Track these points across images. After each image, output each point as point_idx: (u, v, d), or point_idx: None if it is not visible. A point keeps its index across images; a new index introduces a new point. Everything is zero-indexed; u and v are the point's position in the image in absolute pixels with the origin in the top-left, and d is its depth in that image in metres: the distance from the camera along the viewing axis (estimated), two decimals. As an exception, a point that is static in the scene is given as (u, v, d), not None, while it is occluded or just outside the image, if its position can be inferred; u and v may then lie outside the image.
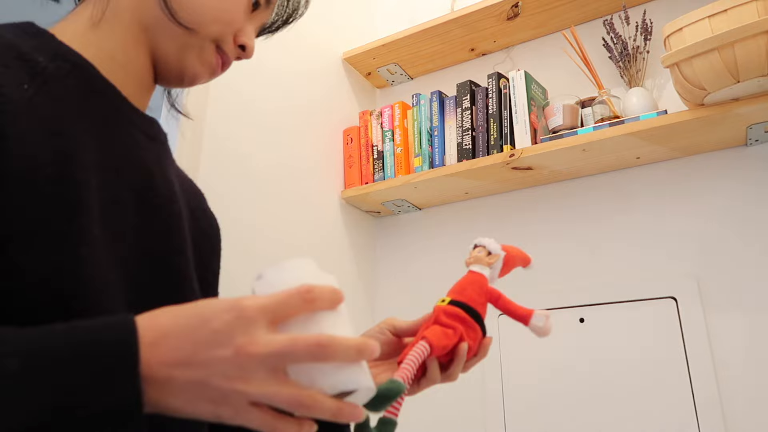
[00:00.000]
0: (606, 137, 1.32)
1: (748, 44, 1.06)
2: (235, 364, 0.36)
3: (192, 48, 0.61)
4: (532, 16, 1.60)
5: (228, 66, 0.65)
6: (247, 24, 0.64)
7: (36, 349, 0.35)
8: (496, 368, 1.46)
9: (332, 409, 0.38)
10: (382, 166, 1.66)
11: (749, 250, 1.29)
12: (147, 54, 0.61)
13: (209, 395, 0.37)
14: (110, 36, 0.58)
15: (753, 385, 1.21)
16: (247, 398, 0.37)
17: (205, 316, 0.38)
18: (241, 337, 0.37)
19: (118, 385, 0.35)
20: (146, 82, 0.62)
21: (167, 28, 0.59)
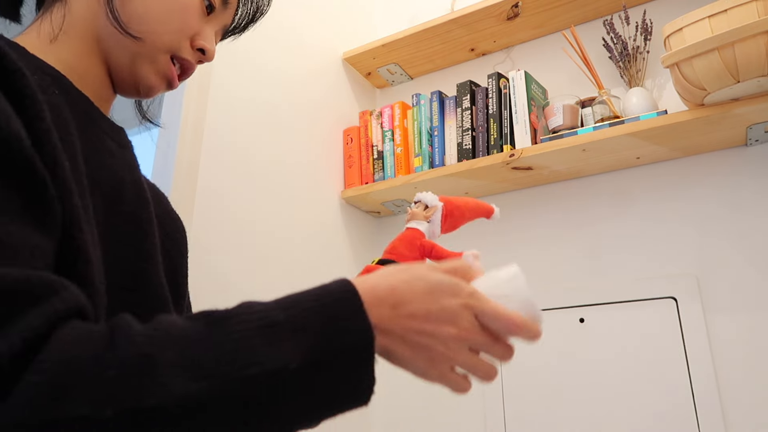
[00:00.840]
0: (606, 137, 1.32)
1: (748, 44, 1.06)
2: (457, 341, 0.47)
3: (144, 58, 0.62)
4: (532, 16, 1.60)
5: (190, 72, 0.66)
6: (204, 27, 0.65)
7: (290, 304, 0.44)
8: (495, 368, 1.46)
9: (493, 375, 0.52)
10: (382, 166, 1.66)
11: (749, 250, 1.29)
12: (102, 65, 0.62)
13: (428, 356, 0.47)
14: (68, 49, 0.60)
15: (753, 385, 1.21)
16: (453, 363, 0.49)
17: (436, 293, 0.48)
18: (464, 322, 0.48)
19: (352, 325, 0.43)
20: (105, 92, 0.64)
21: (119, 39, 0.60)
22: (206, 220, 1.19)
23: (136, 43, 0.60)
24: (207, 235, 1.17)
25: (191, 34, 0.64)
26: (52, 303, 0.37)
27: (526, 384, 1.42)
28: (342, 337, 0.43)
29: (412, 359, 0.47)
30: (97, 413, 0.34)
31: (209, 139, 1.26)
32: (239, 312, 0.42)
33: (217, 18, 0.67)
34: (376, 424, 1.56)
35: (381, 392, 0.50)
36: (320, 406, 0.43)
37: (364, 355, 0.43)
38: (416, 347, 0.47)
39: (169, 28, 0.62)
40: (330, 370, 0.42)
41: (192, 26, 0.64)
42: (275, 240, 1.38)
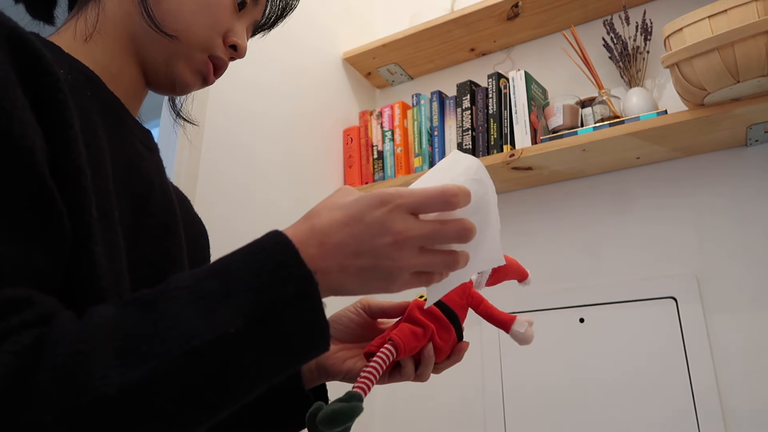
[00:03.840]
0: (606, 137, 1.32)
1: (748, 44, 1.06)
2: (397, 247, 0.44)
3: (180, 56, 0.61)
4: (532, 16, 1.60)
5: (223, 70, 0.66)
6: (236, 24, 0.64)
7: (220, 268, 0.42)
8: (496, 368, 1.46)
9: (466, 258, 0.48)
10: (382, 166, 1.66)
11: (749, 250, 1.29)
12: (137, 64, 0.62)
13: (379, 276, 0.45)
14: (102, 49, 0.60)
15: (753, 385, 1.21)
16: (410, 270, 0.46)
17: (358, 216, 0.45)
18: (397, 225, 0.44)
19: (291, 272, 0.41)
20: (138, 92, 0.64)
21: (154, 38, 0.60)
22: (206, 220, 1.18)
23: (171, 41, 0.60)
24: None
25: (224, 30, 0.63)
26: (8, 321, 0.36)
27: (526, 384, 1.42)
28: (281, 289, 0.41)
29: (364, 285, 0.46)
30: (36, 419, 0.34)
31: (209, 139, 1.26)
32: (169, 288, 0.40)
33: (248, 14, 0.66)
34: (376, 424, 1.56)
35: (381, 392, 0.50)
36: (277, 362, 0.41)
37: (308, 302, 0.41)
38: (360, 273, 0.45)
39: (203, 25, 0.61)
40: (277, 325, 0.40)
41: (224, 22, 0.63)
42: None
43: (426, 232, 0.45)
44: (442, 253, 0.47)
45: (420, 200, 0.45)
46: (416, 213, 0.45)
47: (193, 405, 0.38)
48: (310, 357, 0.44)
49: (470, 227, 0.46)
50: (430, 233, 0.45)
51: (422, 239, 0.45)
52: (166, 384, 0.37)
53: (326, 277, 0.43)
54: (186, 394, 0.37)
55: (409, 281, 0.47)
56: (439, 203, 0.45)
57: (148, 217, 0.55)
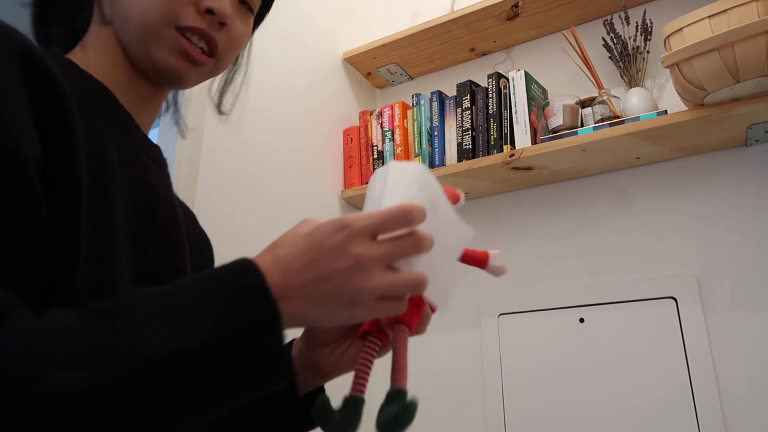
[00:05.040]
0: (606, 137, 1.32)
1: (748, 44, 1.06)
2: (358, 269, 0.43)
3: (151, 41, 0.58)
4: (532, 16, 1.60)
5: (214, 43, 0.60)
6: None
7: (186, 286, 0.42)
8: (496, 368, 1.46)
9: None
10: (382, 166, 1.66)
11: (749, 250, 1.29)
12: (134, 70, 0.61)
13: (343, 300, 0.44)
14: (106, 61, 0.60)
15: (753, 385, 1.21)
16: (374, 294, 0.44)
17: (318, 242, 0.45)
18: (356, 248, 0.44)
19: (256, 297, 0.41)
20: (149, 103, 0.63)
21: (123, 32, 0.59)
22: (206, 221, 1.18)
23: (135, 27, 0.57)
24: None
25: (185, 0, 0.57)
26: None
27: (525, 384, 1.42)
28: (244, 312, 0.41)
29: (328, 312, 0.44)
30: None
31: (208, 140, 1.26)
32: (134, 299, 0.41)
33: None
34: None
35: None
36: (233, 384, 0.41)
37: (269, 327, 0.41)
38: (324, 298, 0.44)
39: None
40: (235, 347, 0.40)
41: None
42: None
43: (385, 252, 0.44)
44: (403, 275, 0.45)
45: (378, 221, 0.45)
46: (375, 235, 0.45)
47: (143, 416, 0.37)
48: (263, 386, 0.43)
49: (423, 237, 0.45)
50: (389, 252, 0.44)
51: (382, 259, 0.44)
52: (117, 391, 0.36)
53: (289, 305, 0.43)
54: (136, 404, 0.37)
55: (375, 306, 0.45)
56: (398, 222, 0.45)
57: (155, 229, 0.56)
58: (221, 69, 0.65)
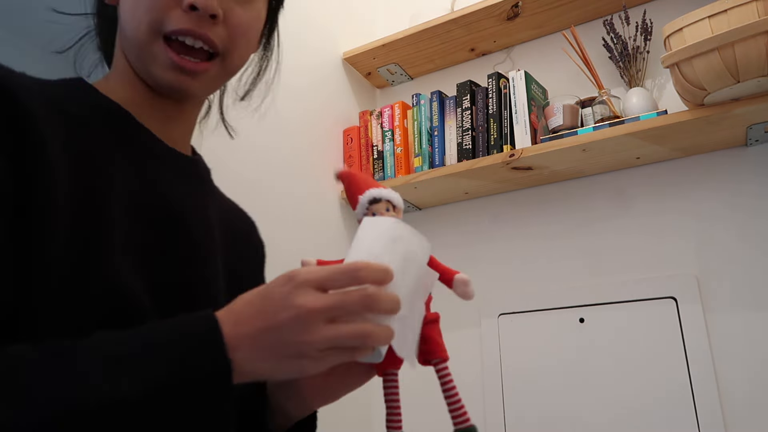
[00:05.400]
0: (606, 137, 1.32)
1: (748, 44, 1.06)
2: (300, 320, 0.43)
3: (146, 57, 0.57)
4: (532, 16, 1.60)
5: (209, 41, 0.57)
6: None
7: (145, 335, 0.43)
8: (496, 368, 1.46)
9: (388, 334, 0.45)
10: (382, 166, 1.66)
11: (749, 250, 1.29)
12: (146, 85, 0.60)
13: (288, 352, 0.43)
14: (122, 84, 0.60)
15: (753, 384, 1.21)
16: (317, 346, 0.43)
17: (265, 294, 0.45)
18: (299, 299, 0.43)
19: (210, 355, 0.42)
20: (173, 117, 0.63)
21: (128, 52, 0.59)
22: (206, 220, 1.19)
23: (132, 46, 0.57)
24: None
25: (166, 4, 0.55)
26: None
27: (525, 384, 1.42)
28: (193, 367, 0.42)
29: (277, 365, 0.44)
30: None
31: (208, 140, 1.26)
32: (90, 344, 0.42)
33: None
34: (376, 424, 1.57)
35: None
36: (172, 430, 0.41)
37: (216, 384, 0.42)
38: (271, 350, 0.43)
39: (139, 11, 0.55)
40: (178, 402, 0.41)
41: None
42: (275, 240, 1.37)
43: (328, 304, 0.43)
44: (351, 325, 0.44)
45: (325, 275, 0.44)
46: (322, 288, 0.44)
47: None
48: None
49: (377, 296, 0.43)
50: (332, 305, 0.43)
51: (325, 311, 0.43)
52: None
53: (240, 355, 0.43)
54: None
55: (323, 358, 0.44)
56: (344, 279, 0.44)
57: (171, 243, 0.56)
58: (235, 65, 0.62)
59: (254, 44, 0.65)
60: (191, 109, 0.66)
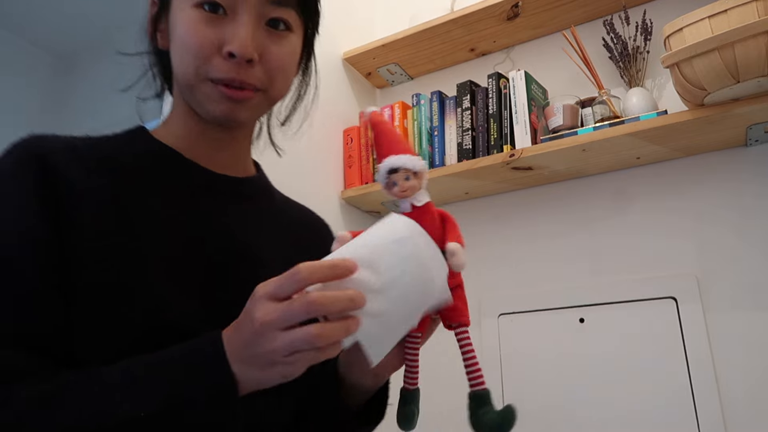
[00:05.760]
0: (606, 137, 1.32)
1: (748, 44, 1.06)
2: (259, 333, 0.46)
3: (198, 95, 0.63)
4: (532, 16, 1.60)
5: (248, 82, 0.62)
6: (225, 31, 0.61)
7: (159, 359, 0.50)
8: (496, 368, 1.46)
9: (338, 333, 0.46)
10: (382, 166, 1.66)
11: (749, 250, 1.29)
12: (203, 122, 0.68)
13: (263, 362, 0.47)
14: (176, 124, 0.70)
15: (753, 385, 1.21)
16: (281, 353, 0.46)
17: (244, 310, 0.49)
18: (257, 313, 0.46)
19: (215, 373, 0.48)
20: (222, 148, 0.70)
21: (183, 92, 0.67)
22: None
23: (184, 87, 0.65)
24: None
25: (212, 49, 0.61)
26: None
27: (526, 384, 1.42)
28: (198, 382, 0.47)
29: (261, 373, 0.48)
30: None
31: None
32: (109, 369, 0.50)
33: (233, 9, 0.61)
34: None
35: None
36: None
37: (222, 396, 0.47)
38: (251, 362, 0.48)
39: (188, 60, 0.62)
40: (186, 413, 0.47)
41: (205, 44, 0.61)
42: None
43: (276, 315, 0.46)
44: (299, 332, 0.46)
45: (275, 285, 0.47)
46: (276, 299, 0.46)
47: None
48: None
49: (314, 300, 0.45)
50: (280, 315, 0.46)
51: (275, 322, 0.46)
52: None
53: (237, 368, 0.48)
54: None
55: (293, 362, 0.47)
56: (288, 284, 0.46)
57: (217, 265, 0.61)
58: (276, 96, 0.68)
59: (292, 75, 0.71)
60: (241, 136, 0.73)
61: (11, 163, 0.57)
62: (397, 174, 0.58)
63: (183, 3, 0.62)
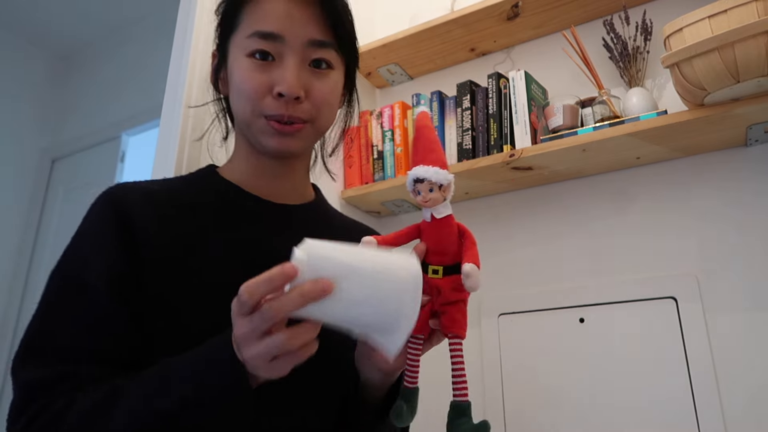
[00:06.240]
0: (606, 137, 1.32)
1: (748, 44, 1.06)
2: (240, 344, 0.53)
3: (254, 132, 0.74)
4: (532, 16, 1.60)
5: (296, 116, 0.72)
6: (273, 75, 0.71)
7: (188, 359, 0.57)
8: (496, 368, 1.46)
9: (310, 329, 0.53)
10: (382, 166, 1.66)
11: (749, 250, 1.29)
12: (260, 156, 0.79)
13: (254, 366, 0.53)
14: (238, 161, 0.81)
15: (753, 385, 1.21)
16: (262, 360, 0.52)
17: None
18: (235, 329, 0.54)
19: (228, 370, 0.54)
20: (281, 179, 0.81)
21: (243, 130, 0.78)
22: (206, 221, 1.18)
23: (243, 125, 0.76)
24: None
25: (264, 92, 0.71)
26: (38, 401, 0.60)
27: (525, 384, 1.42)
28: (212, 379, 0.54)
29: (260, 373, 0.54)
30: None
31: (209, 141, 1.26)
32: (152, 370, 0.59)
33: (281, 56, 0.72)
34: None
35: None
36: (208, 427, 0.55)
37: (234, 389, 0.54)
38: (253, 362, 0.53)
39: (243, 102, 0.73)
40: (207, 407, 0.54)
41: (257, 88, 0.71)
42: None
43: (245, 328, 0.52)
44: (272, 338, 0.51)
45: (234, 304, 0.53)
46: (246, 312, 0.52)
47: None
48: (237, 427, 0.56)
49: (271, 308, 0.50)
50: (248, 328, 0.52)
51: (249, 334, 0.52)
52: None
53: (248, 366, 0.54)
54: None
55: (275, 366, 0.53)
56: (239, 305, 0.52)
57: None
58: (323, 127, 0.78)
59: (336, 107, 0.80)
60: (298, 165, 0.83)
61: (97, 212, 0.70)
62: (422, 184, 0.62)
63: (238, 53, 0.74)
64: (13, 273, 3.09)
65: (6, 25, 3.38)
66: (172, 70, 1.30)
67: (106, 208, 0.70)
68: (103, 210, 0.70)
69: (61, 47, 3.60)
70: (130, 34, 3.36)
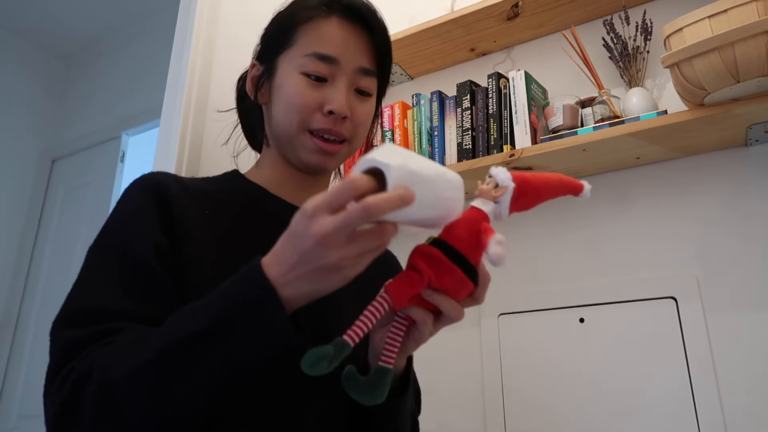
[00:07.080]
0: (606, 137, 1.32)
1: (748, 44, 1.06)
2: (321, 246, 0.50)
3: (296, 145, 0.79)
4: (532, 16, 1.60)
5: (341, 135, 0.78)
6: (325, 93, 0.77)
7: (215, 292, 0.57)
8: (496, 368, 1.46)
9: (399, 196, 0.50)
10: (382, 166, 1.66)
11: (749, 250, 1.29)
12: (291, 166, 0.84)
13: (322, 275, 0.52)
14: (265, 166, 0.86)
15: (753, 385, 1.21)
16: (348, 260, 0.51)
17: (292, 232, 0.53)
18: (314, 227, 0.50)
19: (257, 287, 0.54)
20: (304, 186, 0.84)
21: (280, 144, 0.83)
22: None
23: (284, 137, 0.80)
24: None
25: (314, 108, 0.77)
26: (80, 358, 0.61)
27: (526, 384, 1.42)
28: (241, 298, 0.54)
29: (320, 285, 0.53)
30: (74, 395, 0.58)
31: (208, 141, 1.26)
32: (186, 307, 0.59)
33: (333, 77, 0.78)
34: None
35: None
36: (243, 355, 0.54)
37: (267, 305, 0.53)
38: (311, 277, 0.52)
39: (291, 116, 0.77)
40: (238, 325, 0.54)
41: (308, 103, 0.77)
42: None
43: (338, 222, 0.49)
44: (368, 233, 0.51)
45: (328, 198, 0.50)
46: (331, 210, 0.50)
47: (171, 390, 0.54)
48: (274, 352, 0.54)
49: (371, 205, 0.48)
50: (341, 221, 0.49)
51: (339, 230, 0.49)
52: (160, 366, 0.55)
53: (289, 288, 0.53)
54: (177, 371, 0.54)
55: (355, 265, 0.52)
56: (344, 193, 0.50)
57: None
58: (357, 145, 0.83)
59: (368, 129, 0.87)
60: (324, 179, 0.88)
61: (137, 191, 0.73)
62: (490, 178, 0.64)
63: (291, 69, 0.78)
64: (14, 273, 3.10)
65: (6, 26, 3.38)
66: (172, 70, 1.30)
67: (148, 190, 0.72)
68: (144, 190, 0.73)
69: (62, 48, 3.60)
70: (131, 35, 3.36)
